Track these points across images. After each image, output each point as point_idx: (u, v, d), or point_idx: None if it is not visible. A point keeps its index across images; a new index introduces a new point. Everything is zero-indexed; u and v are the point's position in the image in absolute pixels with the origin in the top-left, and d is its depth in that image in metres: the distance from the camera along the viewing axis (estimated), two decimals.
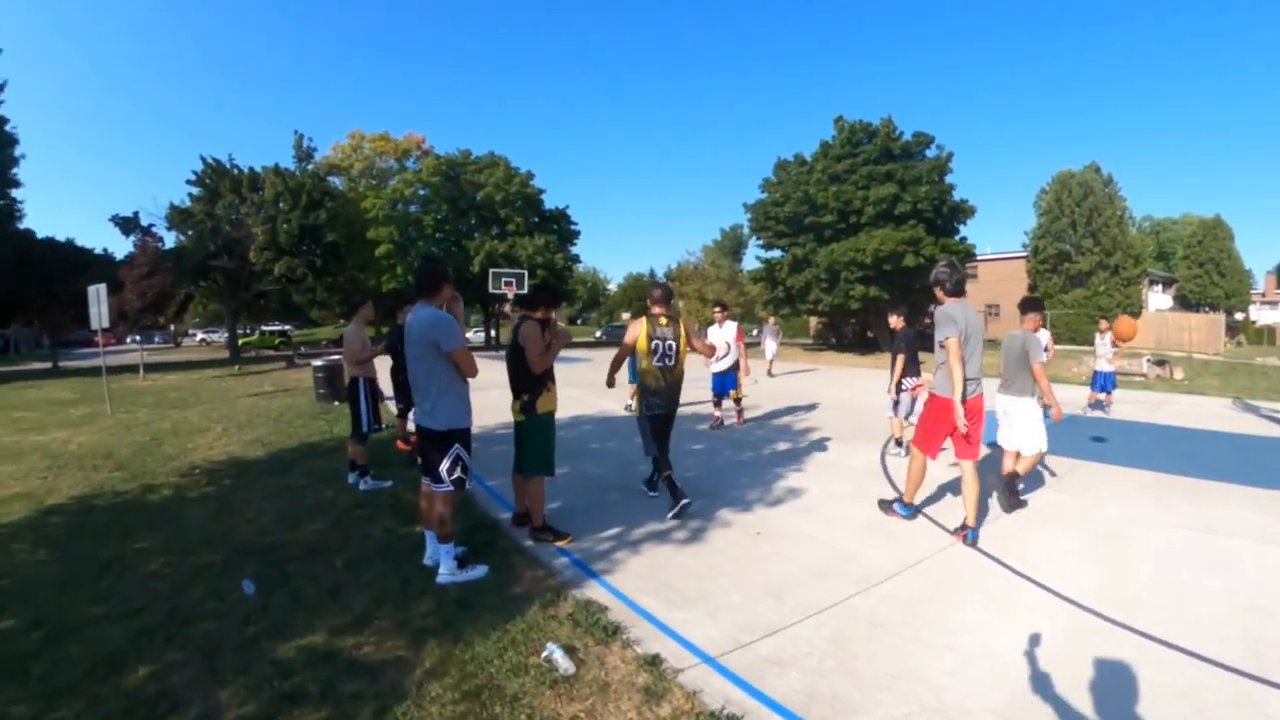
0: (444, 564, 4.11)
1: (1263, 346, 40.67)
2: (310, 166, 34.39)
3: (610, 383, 5.68)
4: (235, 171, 31.41)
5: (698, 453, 7.84)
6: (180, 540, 4.76)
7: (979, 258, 35.23)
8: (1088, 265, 36.84)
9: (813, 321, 38.00)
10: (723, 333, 9.15)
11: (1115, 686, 2.95)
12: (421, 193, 36.28)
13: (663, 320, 5.39)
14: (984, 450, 5.22)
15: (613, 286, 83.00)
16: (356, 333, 6.42)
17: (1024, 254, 40.84)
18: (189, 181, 31.90)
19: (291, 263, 29.82)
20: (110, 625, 3.45)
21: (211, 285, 31.09)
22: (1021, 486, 5.81)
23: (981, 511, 5.02)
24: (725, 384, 9.25)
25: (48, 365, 27.33)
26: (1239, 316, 48.29)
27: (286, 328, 48.47)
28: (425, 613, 3.66)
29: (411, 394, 7.69)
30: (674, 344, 5.36)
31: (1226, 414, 11.08)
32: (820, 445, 8.22)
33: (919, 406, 6.49)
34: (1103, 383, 11.09)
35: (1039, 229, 39.55)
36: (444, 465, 4.02)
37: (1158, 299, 46.30)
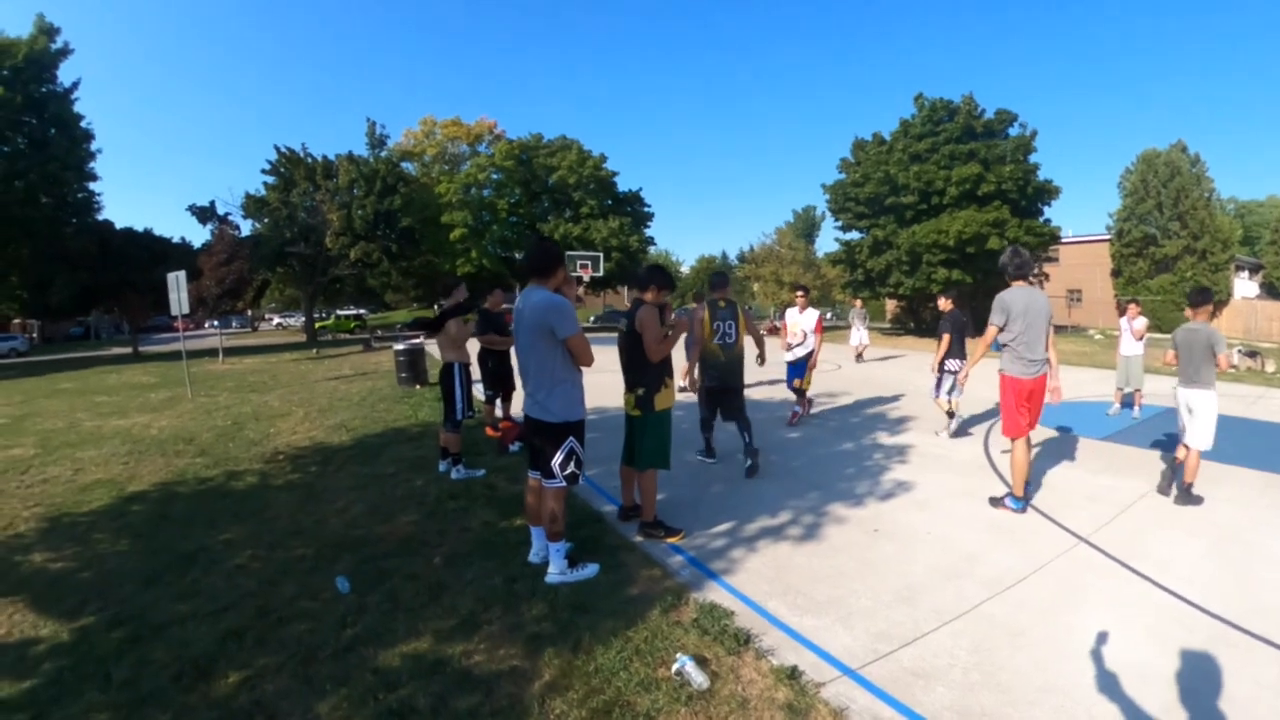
0: (554, 563, 3.65)
1: None
2: (383, 153, 34.81)
3: (692, 385, 6.12)
4: (309, 160, 32.05)
5: (795, 441, 7.23)
6: (267, 532, 4.47)
7: (1061, 241, 33.19)
8: (1174, 249, 34.33)
9: (890, 305, 36.35)
10: (803, 319, 8.18)
11: (1249, 693, 2.68)
12: (495, 177, 36.27)
13: (722, 304, 5.83)
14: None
15: (685, 269, 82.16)
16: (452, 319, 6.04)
17: (1107, 237, 38.22)
18: (264, 171, 32.82)
19: (367, 247, 30.30)
20: (196, 625, 3.13)
21: (288, 271, 31.93)
22: (1190, 485, 5.14)
23: (1034, 485, 5.23)
24: (796, 374, 8.25)
25: (128, 350, 28.29)
26: None
27: (361, 311, 49.77)
28: (538, 616, 3.20)
29: (506, 382, 7.59)
30: (734, 324, 5.81)
31: None
32: (919, 436, 7.49)
33: (957, 384, 7.06)
34: None
35: (1123, 211, 36.92)
36: (557, 459, 3.60)
37: (1244, 286, 42.54)
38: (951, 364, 7.55)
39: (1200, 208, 34.17)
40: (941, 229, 24.53)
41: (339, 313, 46.64)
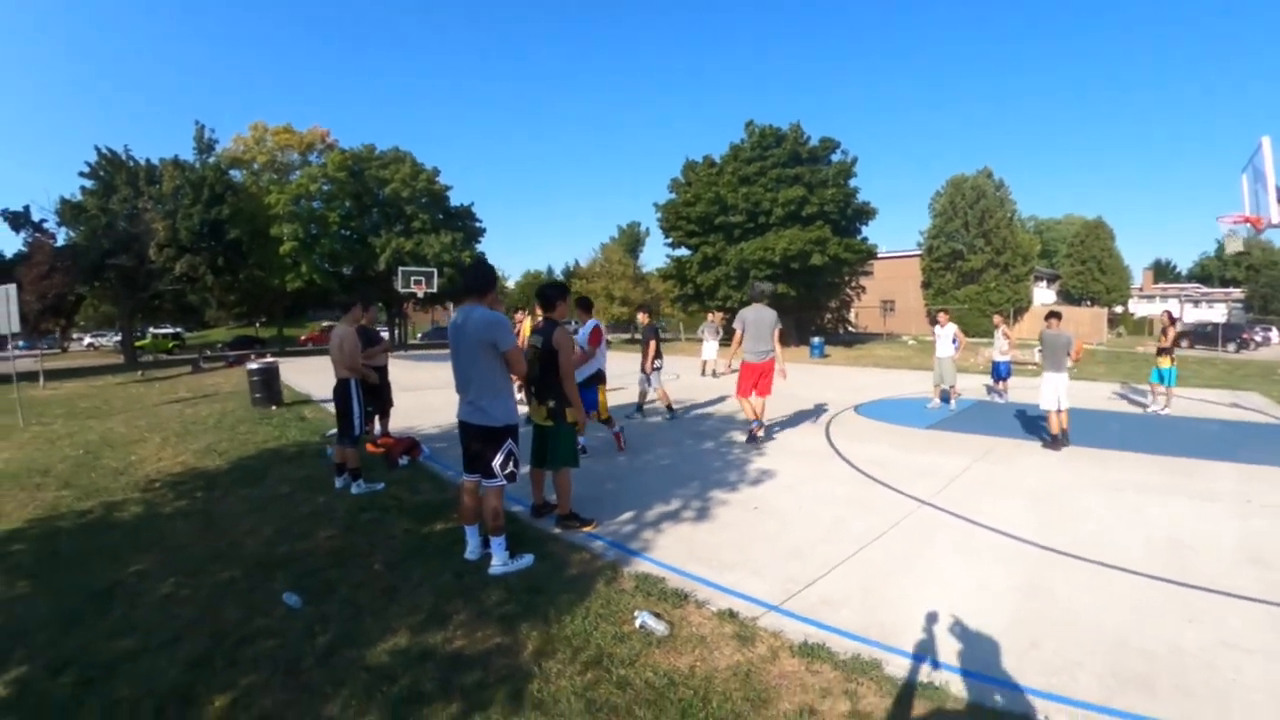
0: (497, 555, 3.84)
1: (1141, 336, 41.44)
2: (211, 159, 30.68)
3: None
4: (132, 164, 27.41)
5: (662, 441, 7.75)
6: (180, 560, 4.10)
7: (877, 257, 34.91)
8: (979, 263, 37.34)
9: (716, 317, 38.04)
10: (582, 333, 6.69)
11: (1081, 598, 3.51)
12: (326, 188, 33.43)
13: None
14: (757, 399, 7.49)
15: (510, 284, 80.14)
16: (348, 333, 5.80)
17: (918, 252, 41.11)
18: (82, 174, 27.58)
19: (193, 260, 26.47)
20: (152, 658, 2.91)
21: (105, 285, 27.17)
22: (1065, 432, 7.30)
23: (878, 468, 6.32)
24: (588, 400, 6.61)
25: None
26: (1119, 310, 48.36)
27: (179, 330, 43.46)
28: (499, 601, 3.40)
29: (383, 398, 7.39)
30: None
31: (1115, 396, 12.08)
32: (768, 433, 8.16)
33: (655, 380, 9.09)
34: (1001, 371, 11.41)
35: (933, 229, 39.62)
36: (498, 460, 3.83)
37: (1043, 294, 45.97)
38: (657, 363, 9.04)
39: (1003, 226, 37.62)
40: (768, 246, 25.76)
41: (155, 331, 40.35)
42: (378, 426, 7.64)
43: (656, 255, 79.52)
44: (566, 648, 2.91)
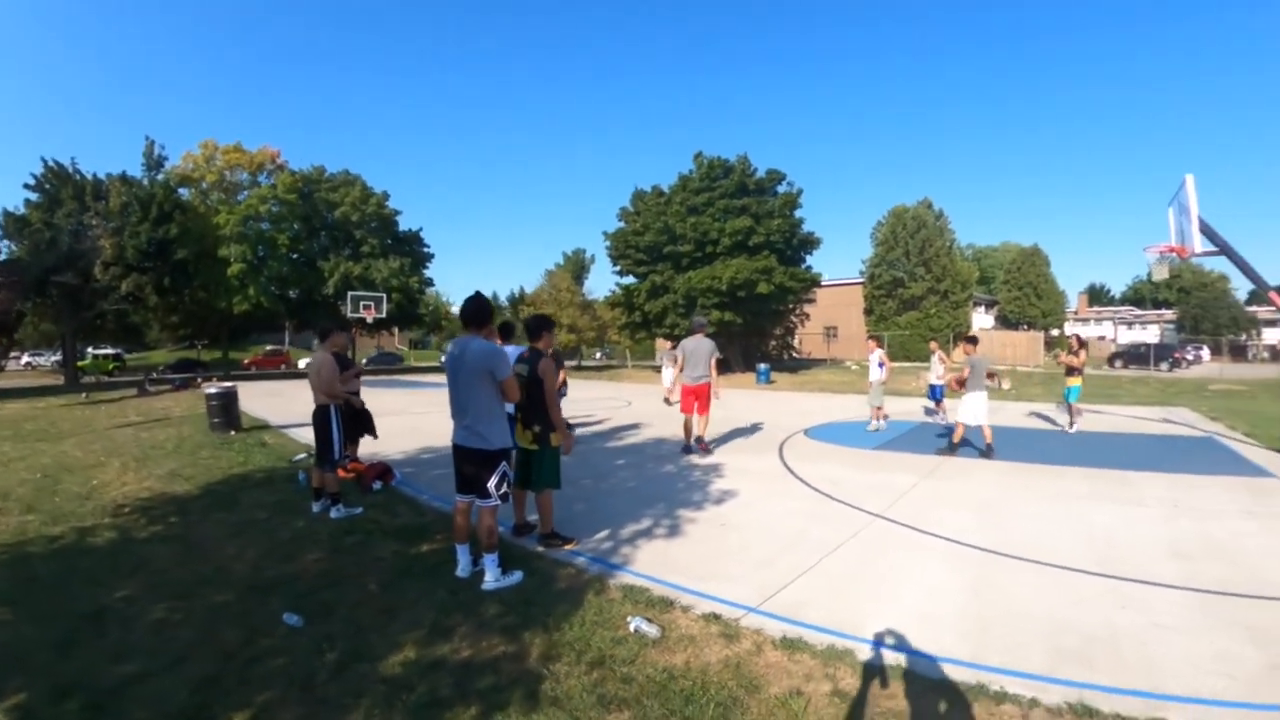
0: (490, 571, 3.94)
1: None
2: (160, 176, 29.40)
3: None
4: (79, 177, 25.98)
5: (622, 466, 7.88)
6: (167, 584, 4.03)
7: (820, 285, 34.48)
8: (920, 290, 38.10)
9: (662, 344, 36.62)
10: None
11: (1025, 592, 3.88)
12: (275, 209, 32.39)
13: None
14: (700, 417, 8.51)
15: (455, 309, 77.91)
16: (327, 359, 5.79)
17: (860, 280, 41.64)
18: (27, 186, 25.99)
19: (139, 279, 25.13)
20: (159, 681, 2.88)
21: (46, 302, 25.47)
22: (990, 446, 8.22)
23: (830, 487, 6.71)
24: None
25: None
26: (1055, 333, 48.76)
27: (120, 351, 40.97)
28: (498, 614, 3.51)
29: (355, 423, 7.26)
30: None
31: (1052, 415, 12.61)
32: (723, 455, 8.50)
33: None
34: (936, 394, 11.89)
35: (875, 257, 40.44)
36: (493, 481, 3.96)
37: (981, 319, 46.61)
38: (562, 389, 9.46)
39: (943, 254, 38.38)
40: (715, 275, 26.02)
41: (94, 351, 37.96)
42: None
43: (601, 282, 78.94)
44: (570, 652, 3.06)
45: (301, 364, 42.81)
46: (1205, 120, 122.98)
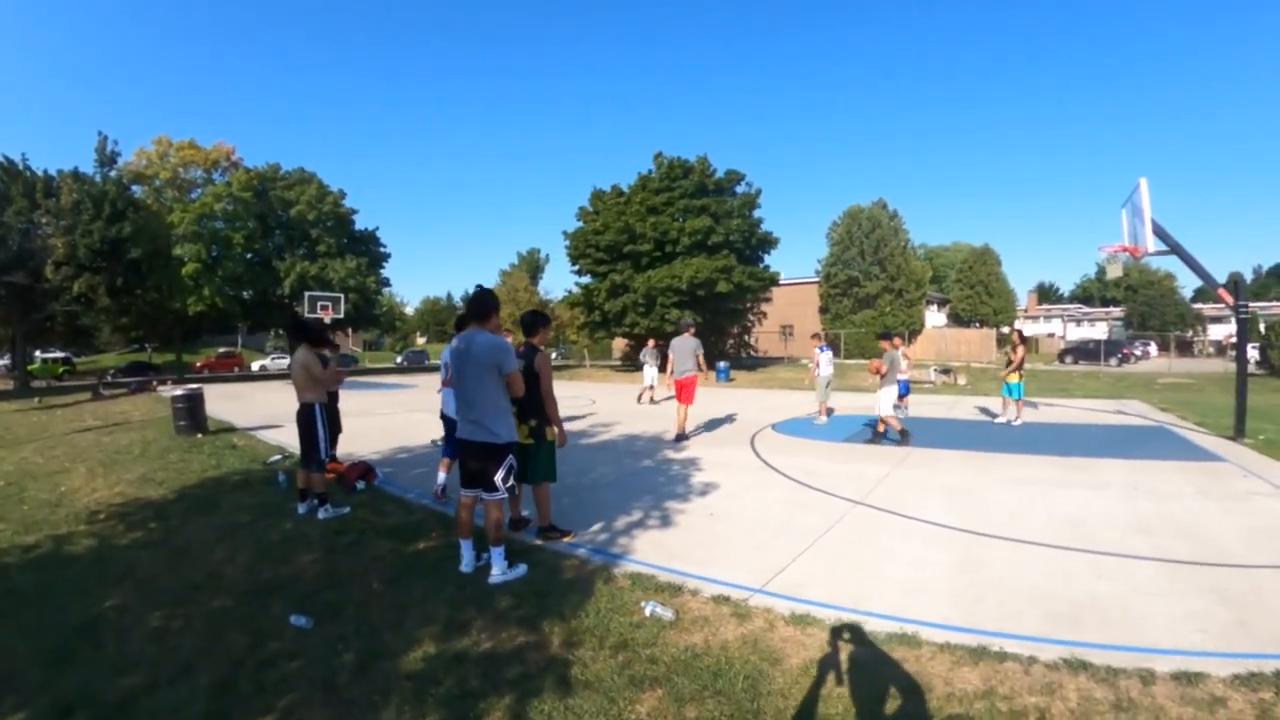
0: (496, 564, 3.88)
1: (1028, 355, 45.41)
2: (113, 173, 27.58)
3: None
4: (29, 174, 24.13)
5: (601, 461, 7.76)
6: (159, 591, 3.80)
7: (778, 284, 33.54)
8: (875, 289, 38.05)
9: (620, 343, 36.21)
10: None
11: (1008, 567, 4.04)
12: (230, 208, 30.78)
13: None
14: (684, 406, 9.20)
15: (409, 310, 76.12)
16: (311, 358, 5.51)
17: (816, 280, 41.54)
18: None
19: (92, 280, 23.50)
20: (170, 690, 2.72)
21: None
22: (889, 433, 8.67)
23: (811, 478, 6.60)
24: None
25: None
26: (1005, 330, 49.98)
27: (69, 354, 38.55)
28: (511, 606, 3.45)
29: (332, 423, 7.01)
30: None
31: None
32: (699, 449, 8.44)
33: None
34: (901, 389, 11.35)
35: (831, 257, 40.20)
36: (500, 474, 3.90)
37: (934, 317, 46.68)
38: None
39: (898, 254, 38.18)
40: (675, 274, 25.65)
41: (43, 355, 35.59)
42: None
43: (557, 282, 77.76)
44: (591, 638, 3.03)
45: (255, 366, 41.22)
46: (1152, 123, 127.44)
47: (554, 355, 49.83)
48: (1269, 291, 68.42)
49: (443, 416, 5.85)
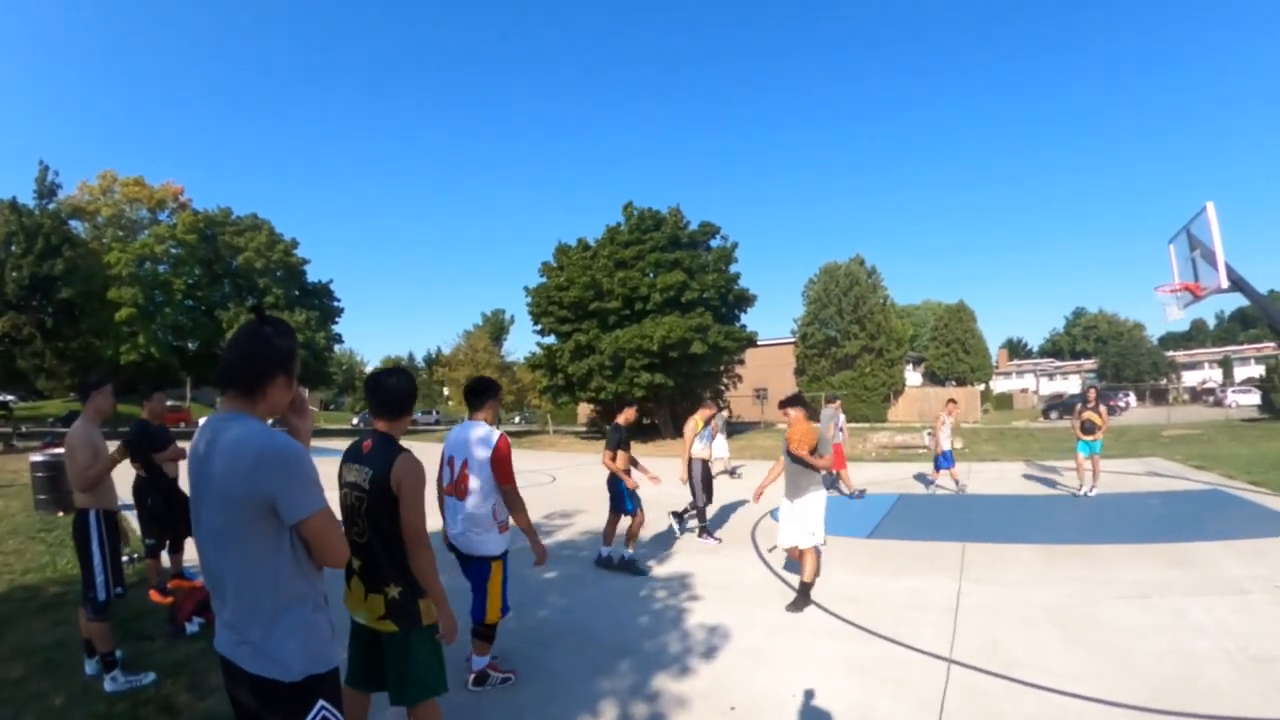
0: None
1: (1005, 411, 41.76)
2: (52, 205, 25.40)
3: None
4: None
5: (553, 581, 5.51)
6: None
7: (756, 344, 30.49)
8: (854, 349, 35.57)
9: (585, 409, 32.42)
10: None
11: None
12: (174, 251, 28.64)
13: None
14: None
15: (369, 369, 72.76)
16: (85, 436, 3.48)
17: (792, 340, 39.21)
18: None
19: (18, 319, 21.17)
20: None
21: None
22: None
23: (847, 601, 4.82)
24: None
25: None
26: (980, 387, 46.66)
27: (9, 399, 34.71)
28: None
29: (174, 524, 4.90)
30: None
31: (1028, 479, 11.12)
32: (694, 558, 6.31)
33: None
34: (948, 461, 9.88)
35: (807, 316, 37.82)
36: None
37: (910, 376, 43.61)
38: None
39: (877, 312, 35.76)
40: (645, 334, 22.48)
41: None
42: (167, 561, 5.13)
43: (522, 344, 75.27)
44: None
45: (201, 422, 37.49)
46: (1109, 175, 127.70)
47: (517, 419, 46.42)
48: (1234, 335, 67.52)
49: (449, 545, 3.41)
